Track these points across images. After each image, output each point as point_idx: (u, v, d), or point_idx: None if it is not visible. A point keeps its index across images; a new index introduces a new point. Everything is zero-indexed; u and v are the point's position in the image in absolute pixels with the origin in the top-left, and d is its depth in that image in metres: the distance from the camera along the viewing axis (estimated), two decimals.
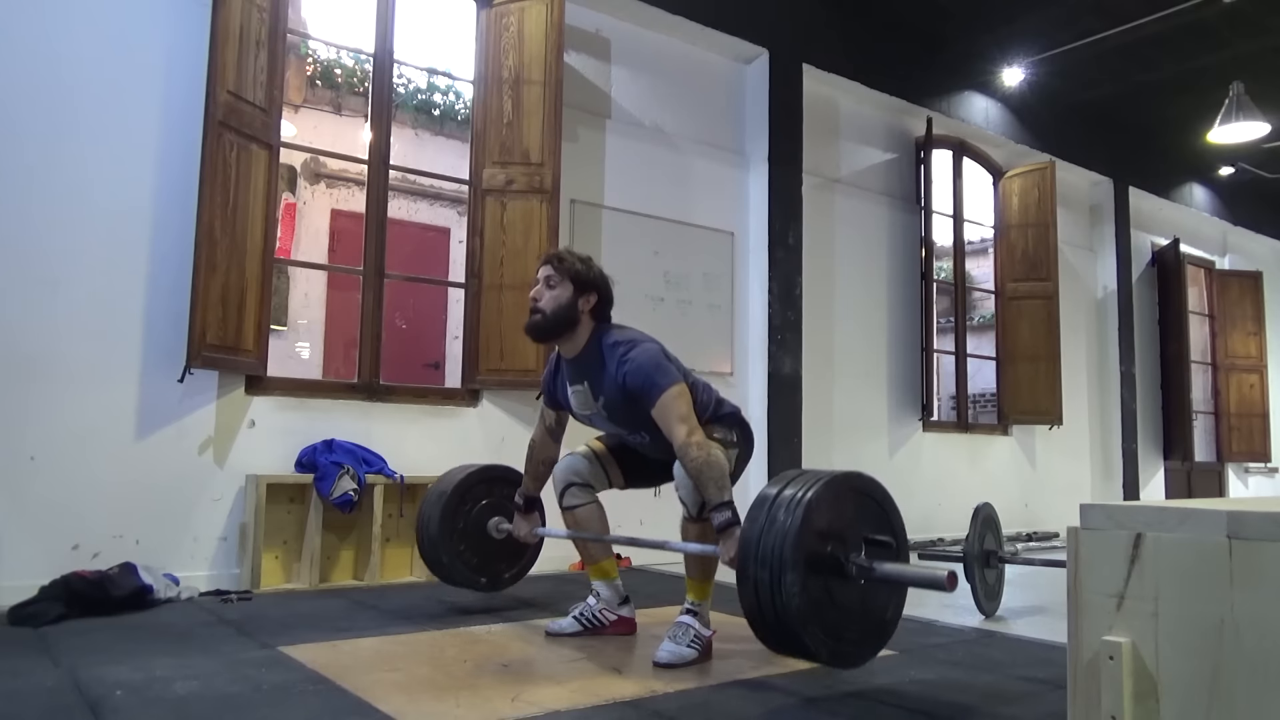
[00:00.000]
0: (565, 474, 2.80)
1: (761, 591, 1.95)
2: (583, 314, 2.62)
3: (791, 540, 1.92)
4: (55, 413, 3.38)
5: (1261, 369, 9.15)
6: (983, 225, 7.41)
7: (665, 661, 2.37)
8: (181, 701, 1.96)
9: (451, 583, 3.14)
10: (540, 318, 2.61)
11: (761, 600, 1.96)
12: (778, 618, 1.94)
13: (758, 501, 2.06)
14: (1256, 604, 1.13)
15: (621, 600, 2.83)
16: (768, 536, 1.96)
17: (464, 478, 3.13)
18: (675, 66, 5.38)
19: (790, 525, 1.94)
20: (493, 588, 3.22)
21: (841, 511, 2.05)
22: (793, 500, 1.99)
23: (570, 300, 2.59)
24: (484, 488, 3.17)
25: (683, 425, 2.41)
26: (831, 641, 1.99)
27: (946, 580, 1.90)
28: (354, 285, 4.63)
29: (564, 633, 2.76)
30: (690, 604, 2.53)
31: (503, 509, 3.14)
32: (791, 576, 1.91)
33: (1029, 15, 6.02)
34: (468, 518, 3.11)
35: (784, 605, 1.91)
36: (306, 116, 6.88)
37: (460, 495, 3.10)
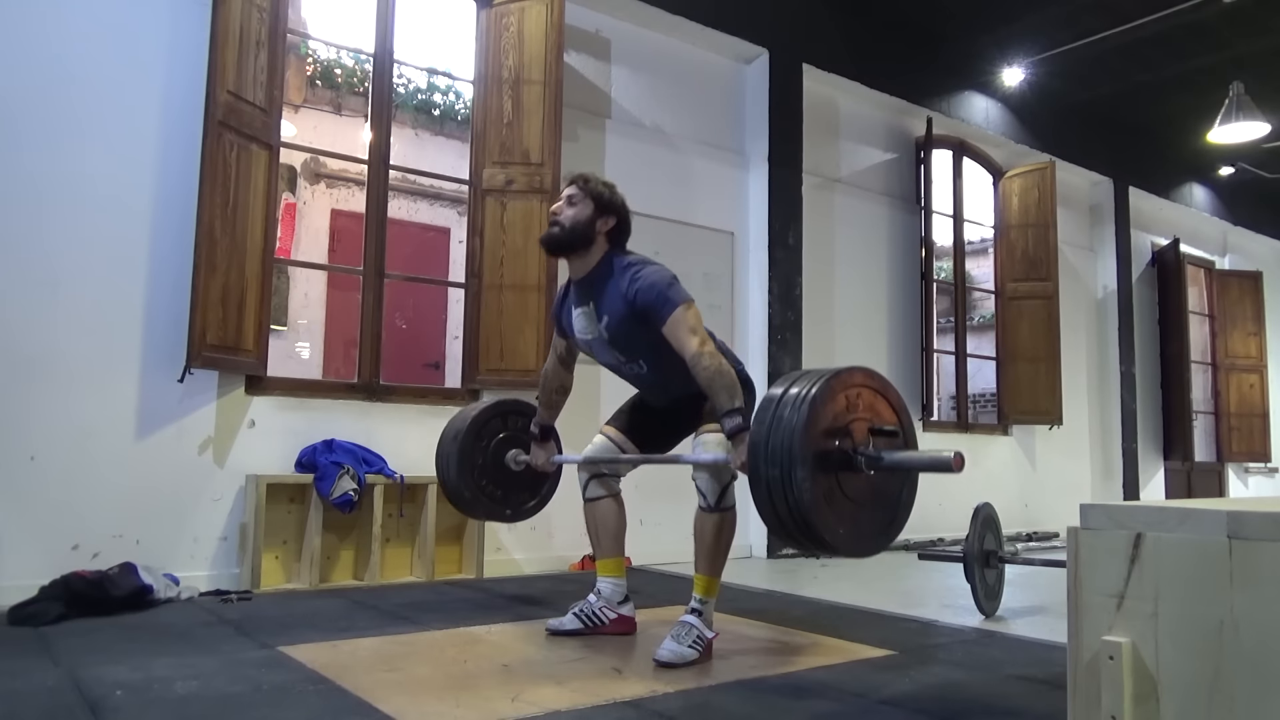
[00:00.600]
0: (587, 467, 2.82)
1: (774, 489, 1.97)
2: (599, 234, 2.65)
3: (799, 436, 1.95)
4: (55, 413, 3.38)
5: (1261, 369, 9.15)
6: (983, 225, 7.41)
7: (666, 660, 2.37)
8: (181, 701, 1.96)
9: (475, 516, 3.16)
10: (558, 230, 2.65)
11: (775, 498, 1.98)
12: (791, 513, 1.96)
13: (764, 403, 2.08)
14: (1256, 604, 1.13)
15: (622, 599, 2.83)
16: (775, 434, 1.98)
17: (478, 414, 3.14)
18: (675, 66, 5.38)
19: (797, 422, 1.96)
20: (517, 517, 3.25)
21: (846, 404, 2.08)
22: (798, 398, 2.01)
23: (589, 218, 2.63)
24: (499, 421, 3.18)
25: (694, 337, 2.44)
26: (847, 532, 2.03)
27: (953, 460, 1.95)
28: (354, 285, 4.63)
29: (564, 629, 2.77)
30: (696, 602, 2.53)
31: (519, 441, 3.17)
32: (801, 472, 1.93)
33: (1029, 15, 6.02)
34: (485, 453, 3.12)
35: (796, 500, 1.94)
36: (306, 116, 6.88)
37: (476, 431, 3.11)
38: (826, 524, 1.98)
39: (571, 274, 2.72)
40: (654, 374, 2.65)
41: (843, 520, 2.03)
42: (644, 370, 2.67)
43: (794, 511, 1.96)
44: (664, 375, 2.63)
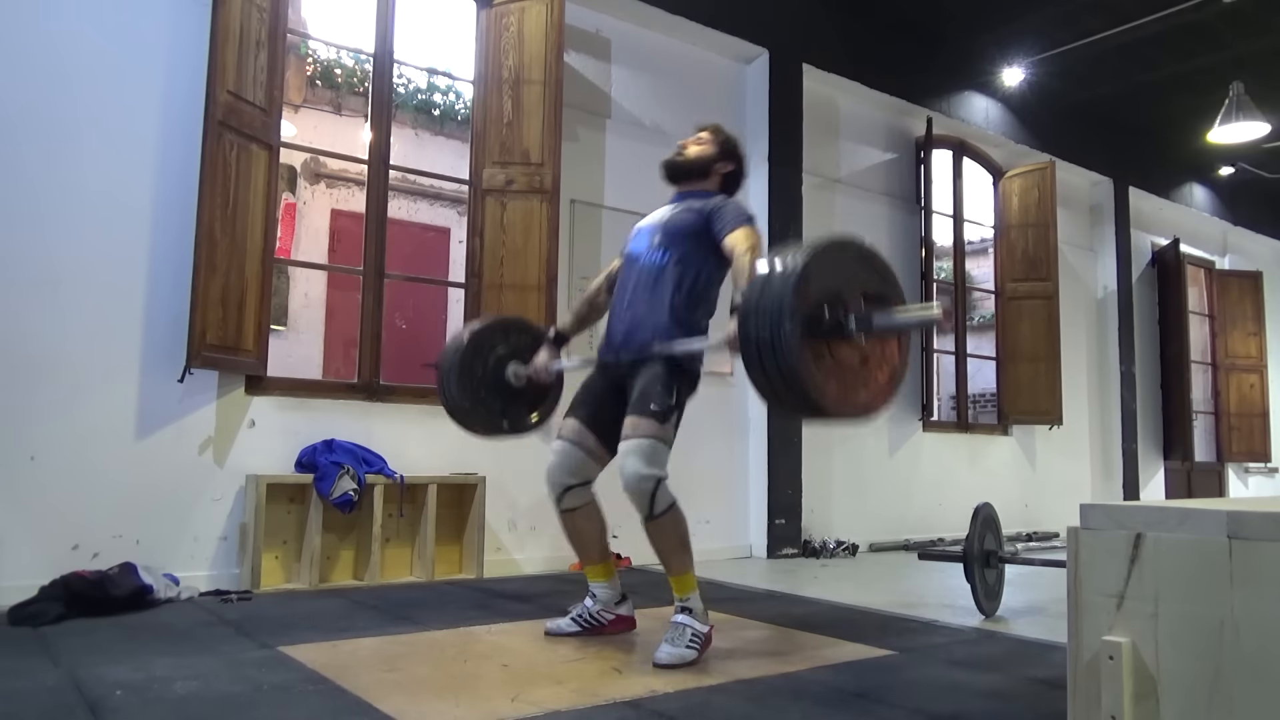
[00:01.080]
0: (558, 476, 2.73)
1: (764, 351, 1.98)
2: (715, 174, 2.85)
3: (788, 301, 1.95)
4: (55, 413, 3.38)
5: (1261, 369, 9.15)
6: (983, 225, 7.41)
7: (666, 663, 2.37)
8: (181, 701, 1.96)
9: (474, 429, 3.11)
10: (682, 159, 2.85)
11: (765, 360, 1.98)
12: (780, 373, 1.97)
13: (753, 283, 2.08)
14: (1256, 604, 1.13)
15: (619, 599, 2.83)
16: (765, 298, 1.99)
17: (479, 328, 3.14)
18: (675, 66, 5.38)
19: (786, 287, 1.97)
20: (515, 430, 3.18)
21: (833, 274, 2.09)
22: (786, 269, 2.02)
23: (711, 157, 2.84)
24: (500, 335, 3.16)
25: (749, 242, 2.56)
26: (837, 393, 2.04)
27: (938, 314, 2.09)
28: (354, 285, 4.63)
29: (562, 632, 2.77)
30: (681, 602, 2.53)
31: (519, 357, 3.14)
32: (789, 329, 1.93)
33: (1029, 15, 6.02)
34: (485, 366, 3.09)
35: (785, 360, 1.94)
36: (306, 116, 6.89)
37: (475, 346, 3.08)
38: (815, 383, 1.97)
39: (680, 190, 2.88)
40: (664, 268, 2.68)
41: (831, 381, 2.03)
42: (658, 260, 2.70)
43: (783, 372, 1.96)
44: (669, 276, 2.67)
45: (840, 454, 5.87)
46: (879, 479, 6.08)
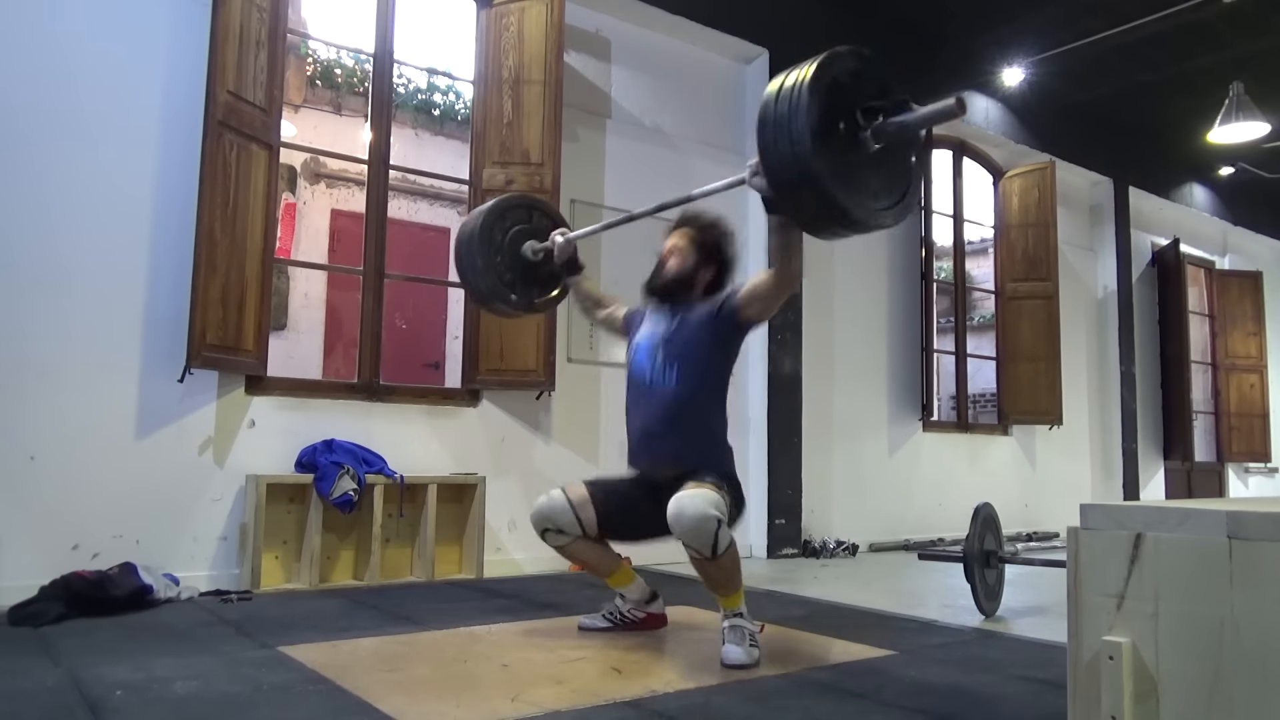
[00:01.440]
0: (536, 519, 2.74)
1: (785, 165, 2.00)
2: (699, 284, 2.78)
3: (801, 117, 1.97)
4: (55, 413, 3.38)
5: (1261, 369, 9.15)
6: (983, 225, 7.41)
7: (739, 663, 2.36)
8: (181, 701, 1.96)
9: (480, 296, 3.15)
10: (662, 279, 2.77)
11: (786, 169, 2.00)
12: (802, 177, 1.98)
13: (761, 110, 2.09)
14: (1256, 604, 1.13)
15: (649, 598, 2.86)
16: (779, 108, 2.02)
17: (506, 198, 3.23)
18: (675, 66, 5.38)
19: (797, 104, 1.99)
20: (522, 306, 3.22)
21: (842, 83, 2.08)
22: (794, 87, 2.03)
23: (694, 269, 2.76)
24: (524, 212, 3.22)
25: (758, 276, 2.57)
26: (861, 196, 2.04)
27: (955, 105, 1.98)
28: (354, 285, 4.62)
29: (595, 627, 2.81)
30: (730, 612, 2.50)
31: (539, 235, 3.18)
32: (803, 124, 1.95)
33: (1029, 15, 6.02)
34: (505, 234, 3.15)
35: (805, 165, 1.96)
36: (306, 116, 6.88)
37: (500, 213, 3.14)
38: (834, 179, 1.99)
39: None
40: (677, 390, 2.62)
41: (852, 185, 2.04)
42: (671, 383, 2.63)
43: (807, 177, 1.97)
44: (683, 397, 2.61)
45: (840, 454, 5.87)
46: (879, 479, 6.08)
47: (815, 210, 2.07)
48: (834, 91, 2.05)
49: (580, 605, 3.18)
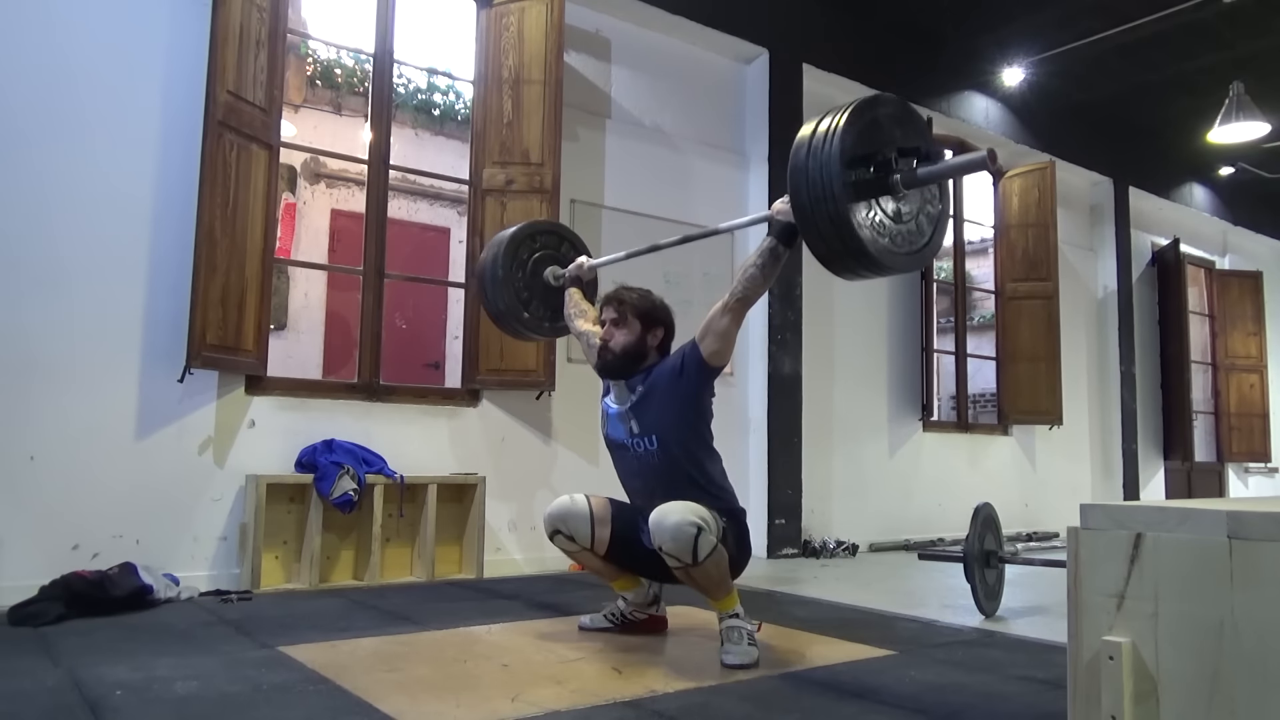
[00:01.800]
0: (549, 520, 2.74)
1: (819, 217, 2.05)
2: (651, 349, 2.73)
3: (834, 163, 2.01)
4: (55, 413, 3.38)
5: (1261, 369, 9.15)
6: (983, 225, 7.41)
7: (739, 663, 2.37)
8: (181, 701, 1.96)
9: (497, 313, 3.22)
10: (611, 357, 2.70)
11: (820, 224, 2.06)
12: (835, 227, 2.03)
13: (795, 148, 2.11)
14: (1256, 604, 1.13)
15: (651, 600, 2.86)
16: (810, 159, 2.05)
17: (540, 222, 3.35)
18: (675, 66, 5.38)
19: (831, 150, 2.02)
20: (532, 327, 3.27)
21: (871, 133, 2.11)
22: (830, 130, 2.06)
23: (640, 337, 2.70)
24: (554, 239, 3.32)
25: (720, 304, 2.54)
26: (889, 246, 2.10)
27: (988, 156, 2.02)
28: (354, 285, 4.62)
29: (596, 627, 2.81)
30: (727, 614, 2.50)
31: (556, 260, 3.24)
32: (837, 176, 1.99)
33: (1029, 15, 6.02)
34: (531, 254, 3.22)
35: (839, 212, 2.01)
36: (306, 116, 6.88)
37: (531, 235, 3.23)
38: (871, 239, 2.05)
39: None
40: (659, 455, 2.59)
41: (883, 236, 2.09)
42: (653, 449, 2.61)
43: (835, 221, 2.03)
44: (668, 458, 2.58)
45: (840, 454, 5.87)
46: (879, 479, 6.08)
47: (841, 251, 2.11)
48: (868, 135, 2.08)
49: (580, 605, 3.18)
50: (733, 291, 2.51)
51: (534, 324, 3.25)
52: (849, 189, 2.01)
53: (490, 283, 3.17)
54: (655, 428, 2.61)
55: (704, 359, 2.57)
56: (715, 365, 2.59)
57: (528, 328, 3.25)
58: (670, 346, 2.77)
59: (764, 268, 2.48)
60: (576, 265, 3.14)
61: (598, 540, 2.71)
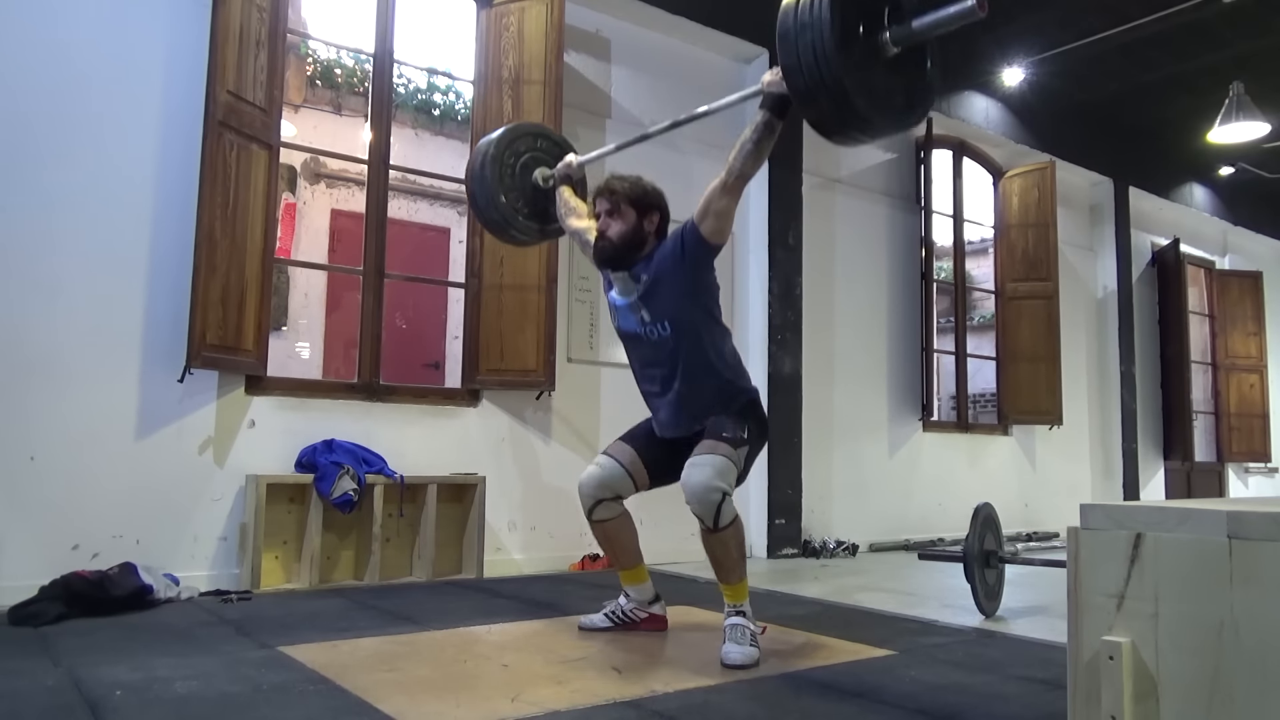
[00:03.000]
0: (592, 489, 2.75)
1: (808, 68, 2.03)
2: (649, 235, 2.72)
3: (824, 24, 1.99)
4: (55, 413, 3.38)
5: (1261, 369, 9.15)
6: (983, 225, 7.41)
7: (739, 663, 2.37)
8: (181, 701, 1.96)
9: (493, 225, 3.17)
10: (610, 248, 2.69)
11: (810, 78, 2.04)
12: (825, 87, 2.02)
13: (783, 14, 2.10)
14: (1256, 604, 1.13)
15: (653, 599, 2.86)
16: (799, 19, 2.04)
17: (515, 126, 3.25)
18: (675, 66, 5.38)
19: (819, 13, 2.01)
20: (533, 233, 3.22)
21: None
22: None
23: (636, 224, 2.70)
24: (531, 140, 3.23)
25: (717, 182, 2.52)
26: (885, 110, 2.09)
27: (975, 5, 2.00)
28: (354, 285, 4.62)
29: (595, 627, 2.81)
30: (735, 607, 2.52)
31: (543, 161, 3.18)
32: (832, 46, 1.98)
33: (1029, 15, 6.02)
34: (513, 172, 3.14)
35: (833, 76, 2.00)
36: (306, 116, 6.88)
37: (510, 141, 3.14)
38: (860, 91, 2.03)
39: None
40: (674, 340, 2.61)
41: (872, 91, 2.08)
42: (666, 333, 2.62)
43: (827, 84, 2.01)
44: (685, 342, 2.61)
45: (840, 454, 5.87)
46: (879, 479, 6.08)
47: (834, 115, 2.11)
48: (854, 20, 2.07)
49: (580, 605, 3.18)
50: (730, 169, 2.50)
51: (526, 228, 3.19)
52: (840, 50, 1.99)
53: (482, 198, 3.10)
54: (666, 313, 2.62)
55: (704, 238, 2.59)
56: (716, 244, 2.62)
57: (521, 232, 3.20)
58: (667, 230, 2.76)
59: (759, 142, 2.47)
60: (565, 164, 3.10)
61: (639, 480, 2.74)
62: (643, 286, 2.66)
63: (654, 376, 2.72)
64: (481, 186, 3.09)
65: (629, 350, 2.79)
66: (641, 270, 2.67)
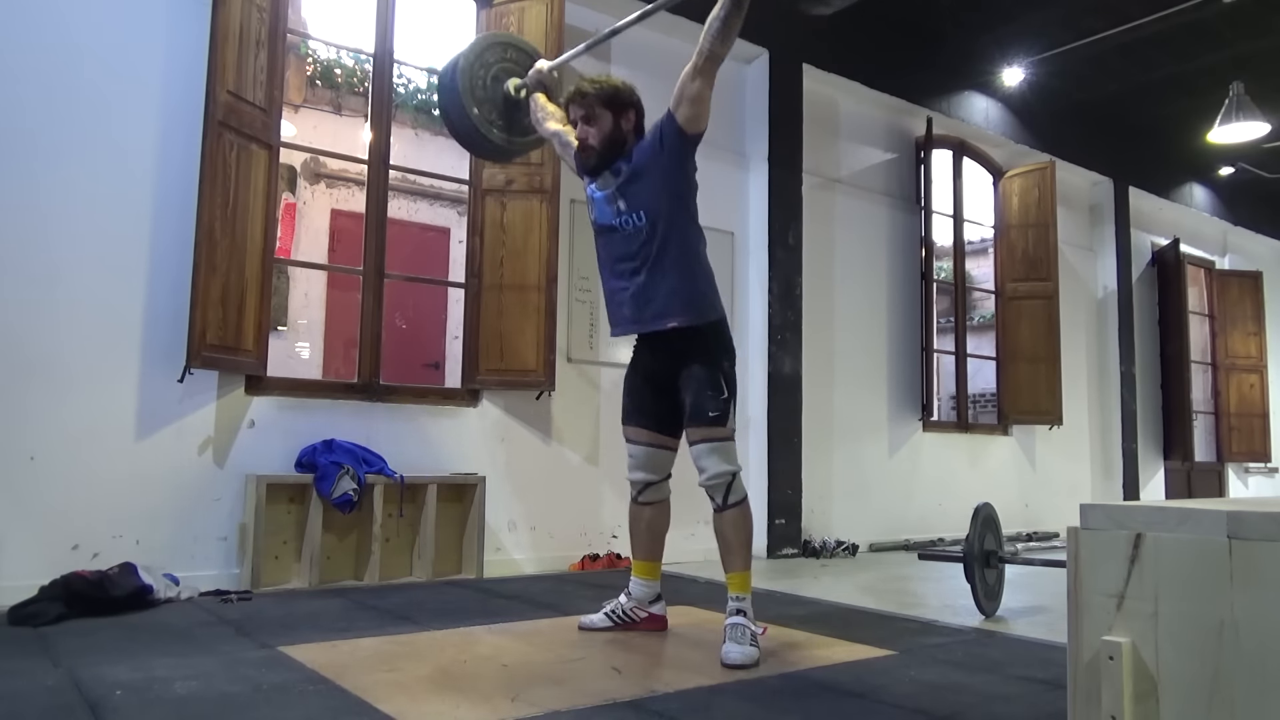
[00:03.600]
0: (640, 474, 2.80)
1: None
2: (628, 133, 2.73)
3: None
4: (55, 413, 3.38)
5: (1261, 369, 9.15)
6: (983, 225, 7.40)
7: (738, 663, 2.37)
8: (181, 701, 1.96)
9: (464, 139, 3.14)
10: (594, 155, 2.69)
11: None
12: None
13: None
14: (1256, 604, 1.13)
15: (654, 599, 2.86)
16: None
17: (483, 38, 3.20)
18: (675, 66, 5.31)
19: None
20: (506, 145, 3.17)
21: None
22: None
23: (614, 126, 2.71)
24: (500, 50, 3.18)
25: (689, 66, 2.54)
26: None
27: None
28: (354, 285, 4.62)
29: (595, 627, 2.81)
30: (737, 601, 2.53)
31: (514, 72, 3.14)
32: None
33: (1029, 15, 6.02)
34: (484, 84, 3.10)
35: None
36: (306, 116, 6.88)
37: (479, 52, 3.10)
38: None
39: None
40: (649, 231, 2.62)
41: None
42: (641, 224, 2.63)
43: None
44: (658, 234, 2.61)
45: (840, 454, 5.87)
46: (879, 479, 6.08)
47: None
48: None
49: (580, 605, 3.18)
50: (700, 50, 2.53)
51: (506, 142, 3.16)
52: None
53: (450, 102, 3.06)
54: (642, 203, 2.63)
55: (681, 127, 2.61)
56: (693, 132, 2.64)
57: (501, 148, 3.17)
58: (645, 126, 2.75)
59: (726, 19, 2.51)
60: (535, 70, 3.08)
61: (671, 445, 2.78)
62: (621, 178, 2.67)
63: (623, 271, 2.71)
64: (452, 99, 3.04)
65: (601, 245, 2.79)
66: (621, 163, 2.69)
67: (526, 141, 3.21)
